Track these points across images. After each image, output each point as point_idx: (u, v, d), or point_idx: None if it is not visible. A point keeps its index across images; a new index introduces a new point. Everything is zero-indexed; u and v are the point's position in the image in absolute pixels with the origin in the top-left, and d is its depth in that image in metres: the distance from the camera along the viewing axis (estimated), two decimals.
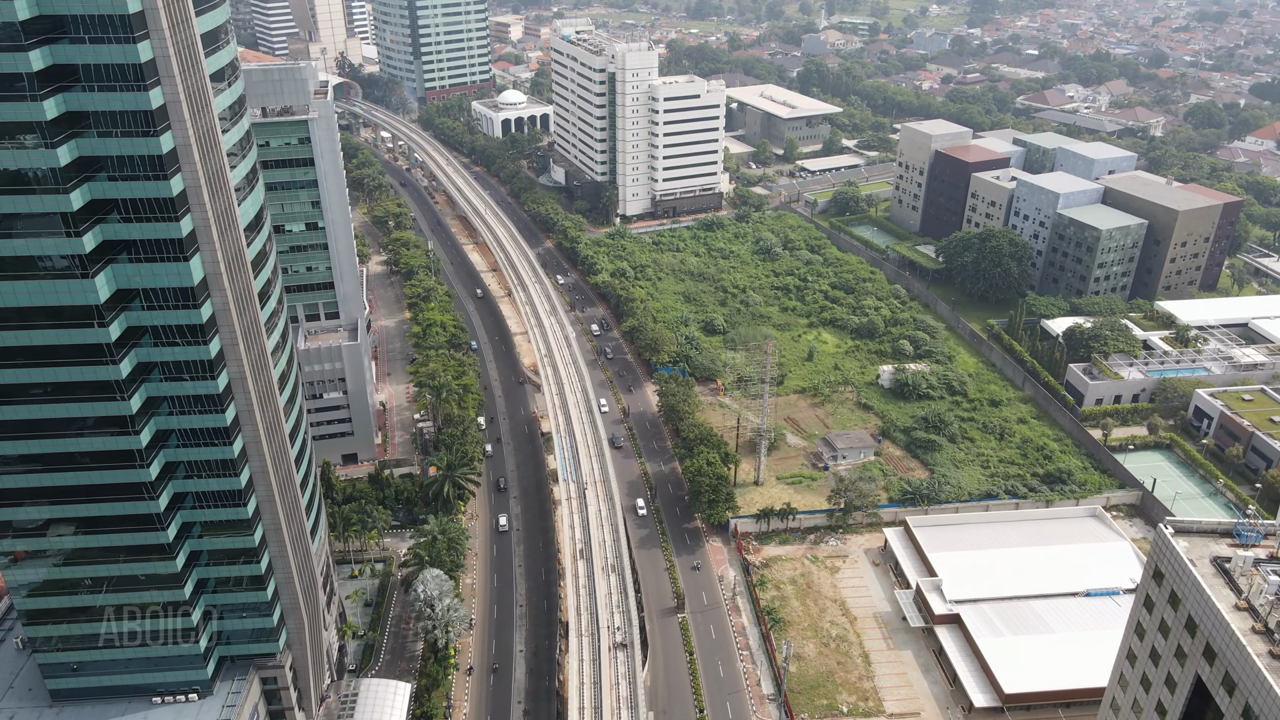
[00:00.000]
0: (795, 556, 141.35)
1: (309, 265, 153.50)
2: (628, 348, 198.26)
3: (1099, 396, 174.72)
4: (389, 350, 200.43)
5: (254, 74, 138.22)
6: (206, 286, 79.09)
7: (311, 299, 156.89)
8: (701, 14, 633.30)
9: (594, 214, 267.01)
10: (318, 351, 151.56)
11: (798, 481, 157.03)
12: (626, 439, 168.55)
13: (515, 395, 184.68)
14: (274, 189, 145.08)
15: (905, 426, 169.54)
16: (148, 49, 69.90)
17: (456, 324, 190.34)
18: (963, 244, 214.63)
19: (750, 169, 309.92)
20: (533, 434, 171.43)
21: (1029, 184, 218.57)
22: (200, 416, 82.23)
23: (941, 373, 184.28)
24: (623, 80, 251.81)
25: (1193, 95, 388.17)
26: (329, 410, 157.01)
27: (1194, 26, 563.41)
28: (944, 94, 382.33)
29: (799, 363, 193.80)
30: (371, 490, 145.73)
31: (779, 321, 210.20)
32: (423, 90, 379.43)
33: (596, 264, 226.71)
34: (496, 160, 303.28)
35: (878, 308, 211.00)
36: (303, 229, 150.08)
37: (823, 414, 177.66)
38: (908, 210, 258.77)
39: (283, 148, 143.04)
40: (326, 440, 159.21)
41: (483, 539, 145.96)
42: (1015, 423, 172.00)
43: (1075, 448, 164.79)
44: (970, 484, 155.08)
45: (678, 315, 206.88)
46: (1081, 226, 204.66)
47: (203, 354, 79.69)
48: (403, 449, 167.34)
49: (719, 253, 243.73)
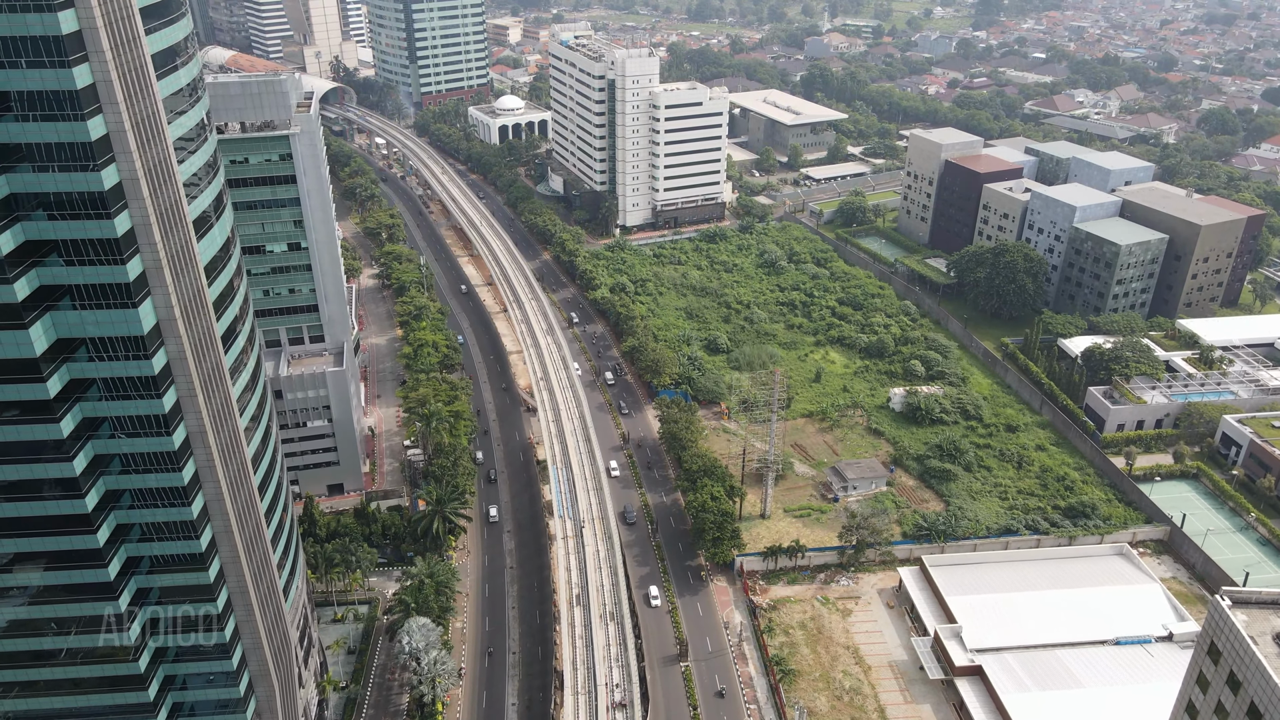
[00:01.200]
0: (805, 598, 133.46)
1: (291, 287, 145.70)
2: (628, 368, 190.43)
3: (1120, 422, 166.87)
4: (379, 370, 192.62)
5: (231, 87, 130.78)
6: (159, 334, 71.30)
7: (295, 322, 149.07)
8: (703, 16, 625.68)
9: (593, 224, 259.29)
10: (300, 378, 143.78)
11: (806, 514, 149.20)
12: (626, 466, 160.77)
13: (510, 418, 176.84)
14: (254, 208, 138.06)
15: (918, 454, 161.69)
16: (86, 74, 62.21)
17: (449, 344, 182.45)
18: (975, 259, 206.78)
19: (753, 177, 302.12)
20: (528, 462, 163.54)
21: (1044, 196, 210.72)
22: (155, 475, 74.42)
23: (955, 396, 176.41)
24: (623, 87, 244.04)
25: (1204, 100, 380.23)
26: (313, 439, 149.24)
27: (1202, 29, 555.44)
28: (951, 99, 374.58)
29: (806, 384, 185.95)
30: (357, 526, 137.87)
31: (785, 340, 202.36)
32: (419, 95, 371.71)
33: (595, 278, 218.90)
34: (493, 168, 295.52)
35: (887, 325, 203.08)
36: (284, 249, 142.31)
37: (831, 440, 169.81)
38: (916, 221, 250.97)
39: (263, 165, 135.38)
40: (311, 470, 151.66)
41: (474, 577, 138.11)
42: (1033, 450, 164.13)
43: (1097, 477, 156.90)
44: (988, 517, 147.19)
45: (679, 334, 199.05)
46: (1099, 241, 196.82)
47: (156, 408, 71.95)
48: (391, 478, 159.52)
49: (722, 266, 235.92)
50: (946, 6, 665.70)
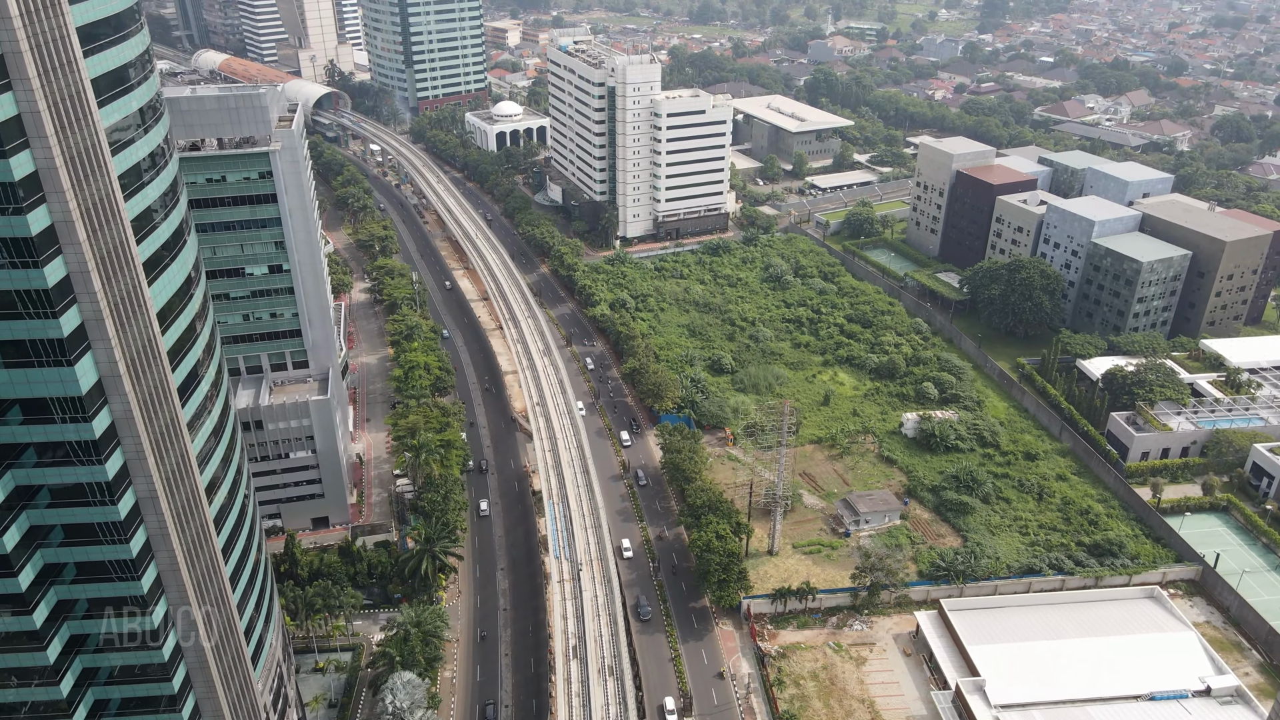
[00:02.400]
0: (816, 644, 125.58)
1: (273, 311, 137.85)
2: (628, 390, 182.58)
3: (1145, 450, 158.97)
4: (370, 392, 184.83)
5: (207, 102, 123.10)
6: (102, 392, 63.46)
7: (277, 348, 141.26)
8: (704, 18, 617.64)
9: (592, 236, 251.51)
10: (282, 408, 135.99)
11: (816, 550, 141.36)
12: (626, 498, 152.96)
13: (505, 444, 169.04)
14: (232, 228, 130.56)
15: (933, 485, 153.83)
16: (9, 104, 54.25)
17: (442, 366, 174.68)
18: (989, 275, 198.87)
19: (757, 186, 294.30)
20: (523, 492, 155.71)
21: (1060, 210, 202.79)
22: (99, 548, 66.61)
23: (971, 421, 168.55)
24: (623, 95, 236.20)
25: (1217, 106, 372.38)
26: (296, 471, 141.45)
27: (1211, 33, 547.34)
28: (958, 105, 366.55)
29: (814, 407, 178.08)
30: (341, 565, 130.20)
31: (791, 359, 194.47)
32: (415, 100, 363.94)
33: (594, 294, 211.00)
34: (490, 177, 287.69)
35: (898, 344, 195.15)
36: (265, 272, 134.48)
37: (841, 468, 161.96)
38: (925, 233, 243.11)
39: (241, 183, 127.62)
40: (294, 503, 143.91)
41: (465, 620, 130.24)
42: (1054, 480, 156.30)
43: (1122, 510, 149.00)
44: (1008, 554, 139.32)
45: (682, 354, 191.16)
46: (1120, 258, 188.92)
47: (99, 475, 64.18)
48: (380, 509, 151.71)
49: (725, 280, 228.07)
50: (951, 9, 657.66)
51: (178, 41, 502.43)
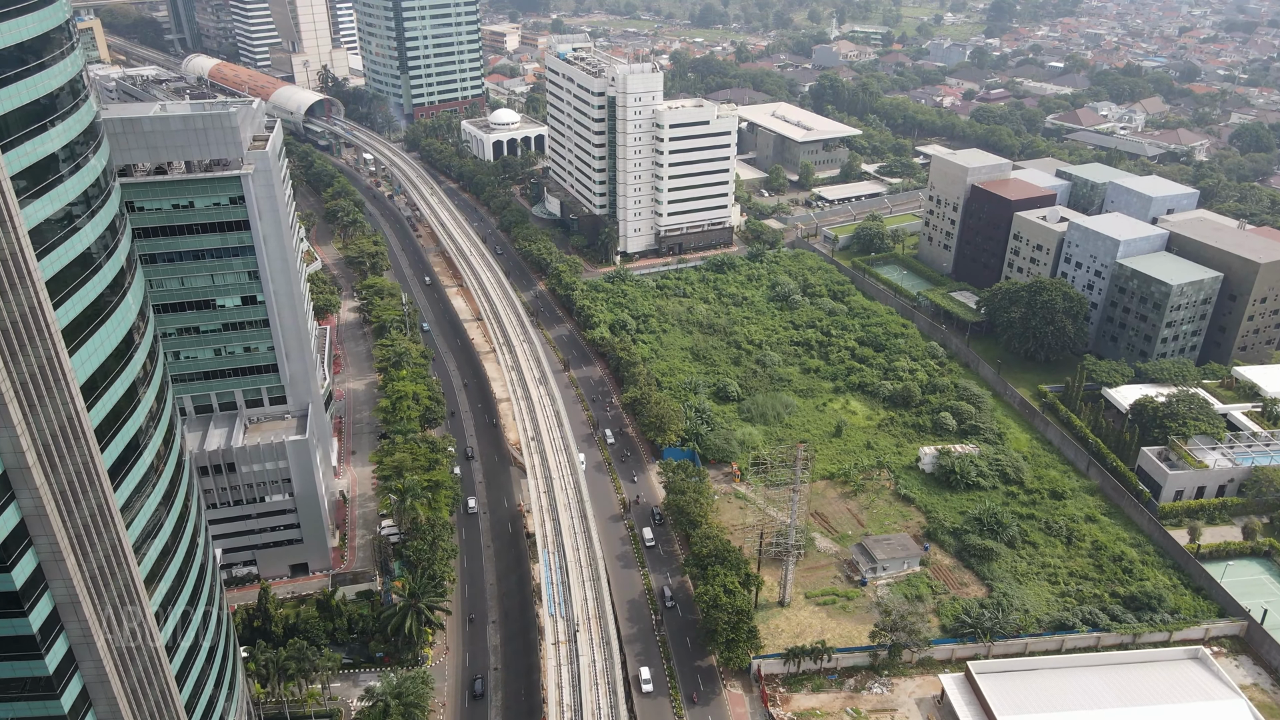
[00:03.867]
0: (833, 709, 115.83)
1: (247, 345, 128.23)
2: (629, 420, 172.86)
3: (1179, 488, 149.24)
4: (357, 421, 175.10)
5: (172, 122, 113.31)
6: (7, 486, 53.64)
7: (251, 384, 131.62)
8: (706, 22, 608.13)
9: (592, 251, 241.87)
10: (257, 449, 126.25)
11: (830, 601, 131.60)
12: (627, 540, 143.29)
13: (498, 480, 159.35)
14: (201, 257, 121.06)
15: (954, 527, 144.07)
16: None
17: (432, 395, 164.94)
18: (1009, 296, 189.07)
19: (762, 197, 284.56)
20: (516, 534, 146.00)
21: (1083, 228, 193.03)
22: (8, 664, 56.77)
23: (992, 456, 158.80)
24: (624, 105, 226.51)
25: (1234, 114, 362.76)
26: (272, 515, 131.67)
27: (1223, 37, 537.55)
28: (968, 112, 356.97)
29: (826, 439, 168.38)
30: (319, 621, 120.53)
31: (800, 386, 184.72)
32: (410, 107, 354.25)
33: (593, 315, 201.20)
34: (486, 188, 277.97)
35: (913, 370, 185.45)
36: (238, 304, 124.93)
37: (856, 507, 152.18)
38: (938, 249, 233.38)
39: (210, 209, 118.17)
40: (271, 549, 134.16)
41: (453, 681, 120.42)
42: (1083, 521, 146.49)
43: (1158, 556, 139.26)
44: (1038, 606, 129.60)
45: (686, 380, 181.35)
46: (1147, 280, 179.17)
47: (4, 583, 54.27)
48: (364, 552, 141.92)
49: (730, 299, 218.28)
50: (957, 12, 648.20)
51: (170, 45, 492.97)
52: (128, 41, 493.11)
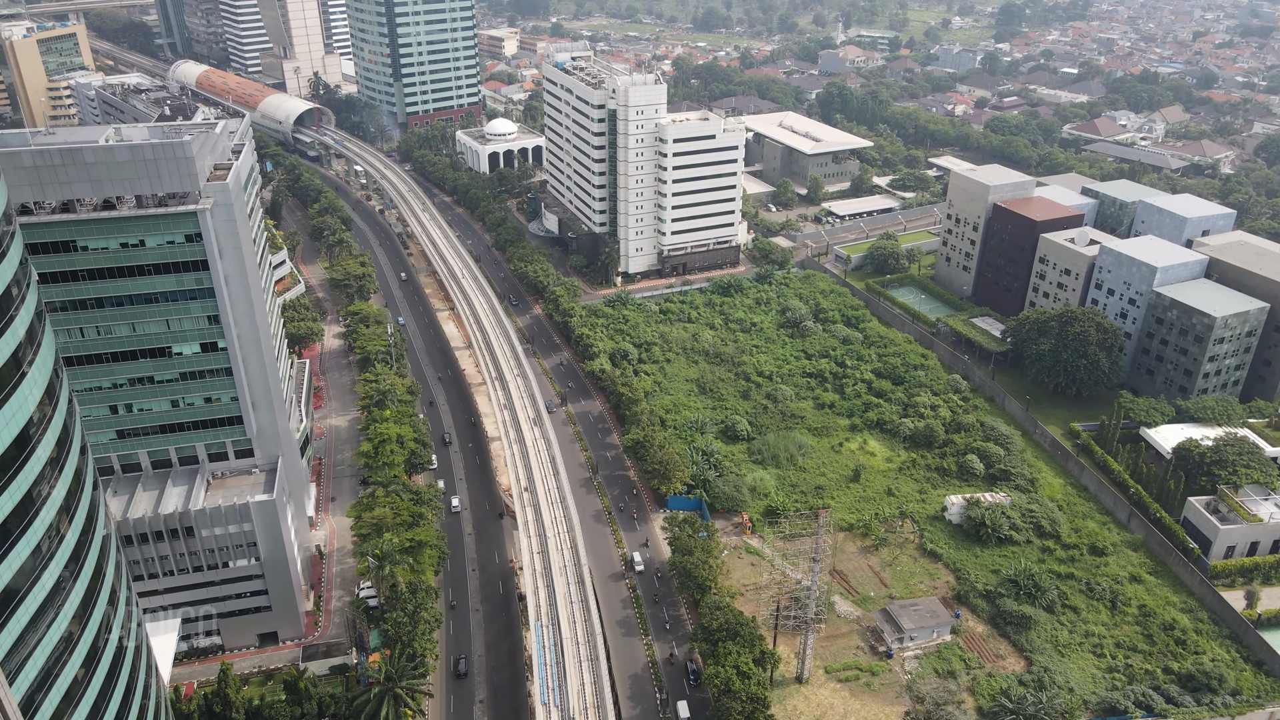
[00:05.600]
0: None
1: (207, 396, 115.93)
2: (630, 464, 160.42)
3: (1231, 544, 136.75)
4: (338, 462, 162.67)
5: (118, 153, 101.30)
6: None
7: (214, 437, 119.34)
8: (709, 26, 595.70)
9: (591, 271, 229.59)
10: (218, 512, 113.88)
11: (854, 677, 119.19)
12: (629, 604, 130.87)
13: (488, 533, 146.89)
14: (154, 301, 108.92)
15: (987, 588, 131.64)
16: None
17: (418, 437, 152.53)
18: (1038, 327, 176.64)
19: (770, 212, 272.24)
20: (508, 596, 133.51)
21: (1116, 253, 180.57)
22: None
23: (1025, 506, 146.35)
24: (625, 119, 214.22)
25: (1256, 124, 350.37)
26: (236, 582, 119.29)
27: (1238, 43, 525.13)
28: (981, 121, 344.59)
29: (843, 484, 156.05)
30: (285, 707, 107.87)
31: (814, 423, 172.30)
32: (404, 115, 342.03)
33: (592, 344, 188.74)
34: (481, 203, 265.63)
35: (935, 406, 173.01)
36: (197, 351, 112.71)
37: (878, 563, 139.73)
38: (957, 271, 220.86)
39: (164, 248, 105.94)
40: (236, 617, 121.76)
41: None
42: (1127, 581, 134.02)
43: (1212, 624, 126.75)
44: (1083, 683, 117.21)
45: (691, 418, 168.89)
46: (1188, 311, 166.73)
47: None
48: (340, 617, 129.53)
49: (738, 325, 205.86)
50: (965, 16, 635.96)
51: (159, 50, 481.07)
52: (116, 46, 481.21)
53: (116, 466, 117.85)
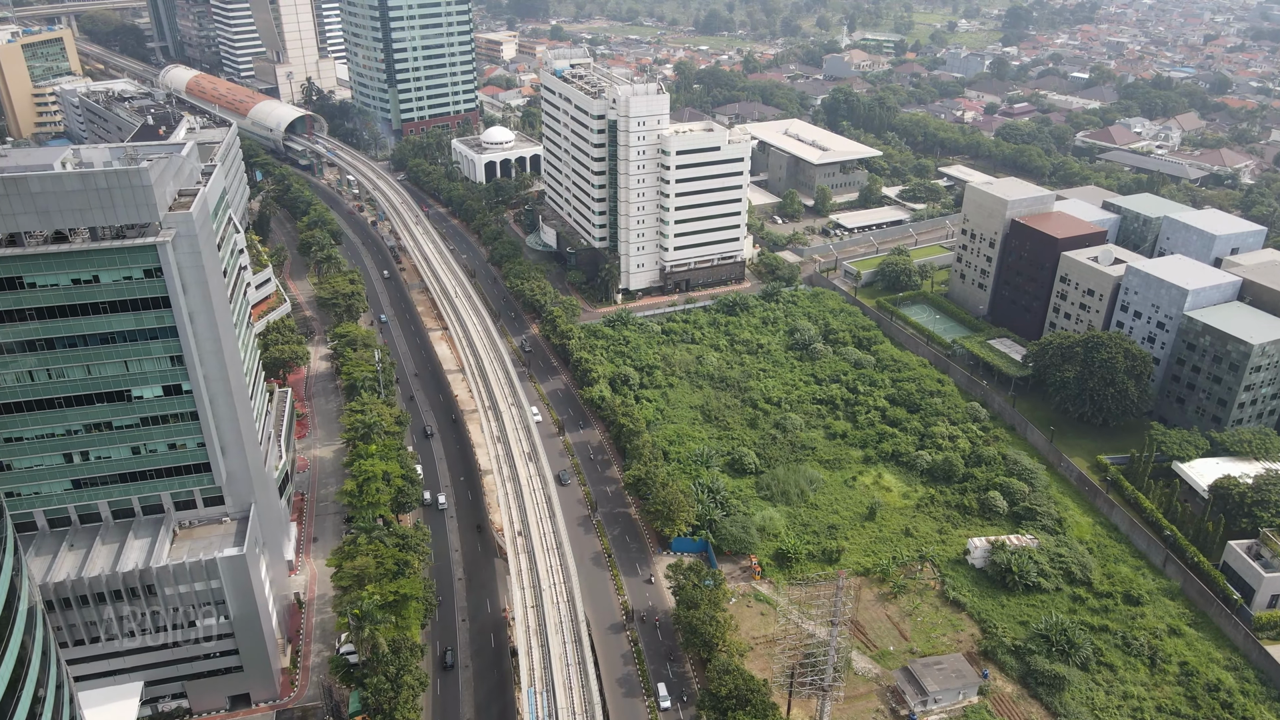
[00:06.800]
0: None
1: (171, 442, 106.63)
2: (631, 501, 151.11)
3: (1276, 593, 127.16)
4: (321, 497, 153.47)
5: (66, 181, 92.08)
6: None
7: (180, 485, 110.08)
8: (711, 29, 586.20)
9: (591, 288, 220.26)
10: (182, 569, 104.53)
11: None
12: (630, 659, 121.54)
13: (480, 576, 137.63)
14: (111, 341, 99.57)
15: (1016, 643, 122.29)
16: None
17: (405, 474, 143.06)
18: (1062, 353, 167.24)
19: (776, 224, 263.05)
20: (500, 650, 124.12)
21: (1144, 274, 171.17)
22: None
23: (1053, 549, 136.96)
24: (626, 130, 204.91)
25: (1274, 131, 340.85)
26: (205, 642, 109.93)
27: (1250, 46, 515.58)
28: (992, 128, 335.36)
29: (857, 523, 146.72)
30: None
31: (825, 455, 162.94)
32: (398, 122, 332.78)
33: (591, 369, 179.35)
34: (477, 215, 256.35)
35: (953, 437, 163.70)
36: (159, 394, 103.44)
37: (897, 613, 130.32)
38: (972, 288, 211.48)
39: (120, 285, 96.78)
40: (203, 679, 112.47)
41: None
42: (1166, 635, 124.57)
43: (1259, 684, 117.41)
44: None
45: (696, 450, 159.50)
46: (1222, 337, 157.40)
47: None
48: (319, 674, 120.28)
49: (744, 346, 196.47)
50: (971, 19, 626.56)
51: (151, 54, 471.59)
52: (108, 50, 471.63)
53: (74, 517, 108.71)
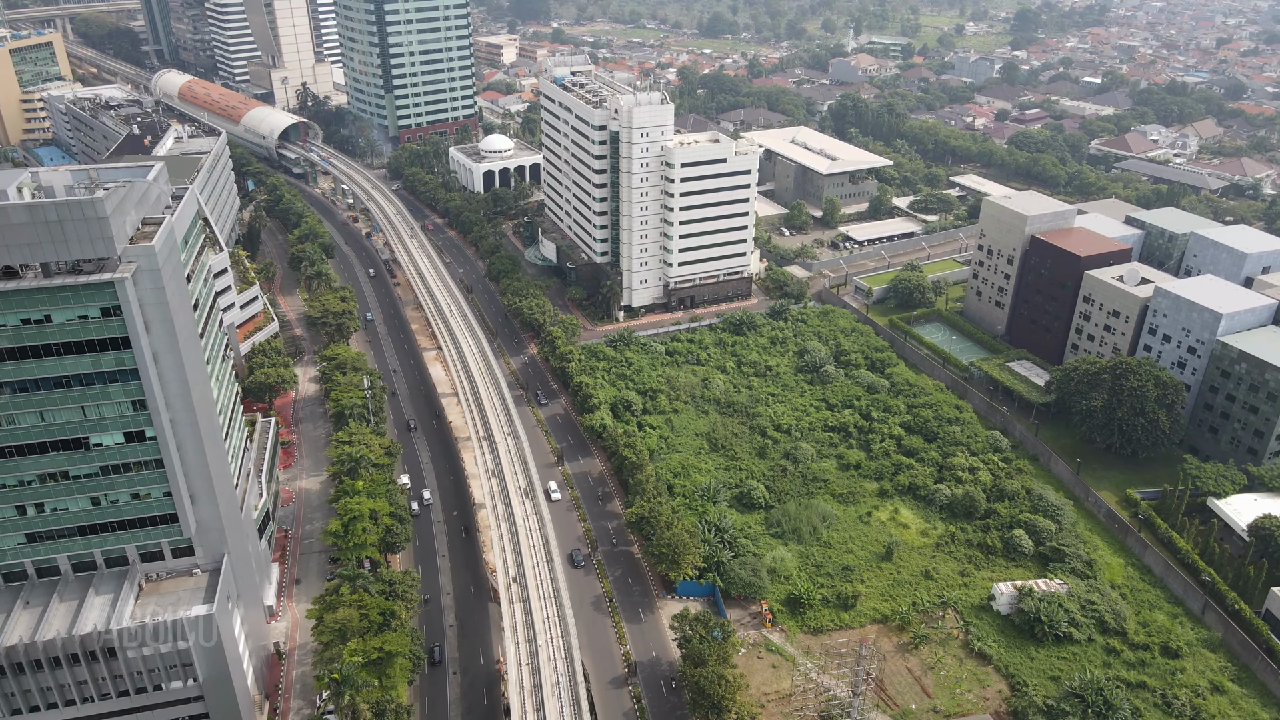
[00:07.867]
0: None
1: (135, 492, 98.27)
2: (634, 539, 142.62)
3: None
4: (306, 535, 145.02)
5: (13, 214, 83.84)
6: None
7: (145, 537, 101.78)
8: (715, 31, 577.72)
9: (592, 305, 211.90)
10: (145, 630, 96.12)
11: None
12: (633, 715, 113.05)
13: (472, 625, 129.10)
14: (65, 385, 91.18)
15: (1048, 702, 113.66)
16: None
17: (395, 512, 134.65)
18: (1088, 380, 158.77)
19: (783, 236, 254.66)
20: (494, 711, 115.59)
21: (1173, 295, 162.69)
22: None
23: (1084, 596, 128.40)
24: (629, 141, 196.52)
25: None
26: (172, 706, 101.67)
27: (1264, 50, 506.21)
28: (1004, 136, 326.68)
29: (873, 563, 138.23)
30: None
31: (838, 487, 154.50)
32: (395, 129, 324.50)
33: (592, 395, 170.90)
34: (475, 226, 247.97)
35: (973, 468, 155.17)
36: (119, 441, 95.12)
37: (918, 666, 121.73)
38: (989, 306, 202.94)
39: (75, 325, 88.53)
40: None
41: None
42: (1209, 692, 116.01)
43: None
44: None
45: (702, 484, 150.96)
46: (1260, 365, 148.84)
47: None
48: None
49: (751, 368, 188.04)
50: (978, 21, 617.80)
51: (146, 58, 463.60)
52: (101, 54, 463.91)
53: (31, 571, 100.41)
